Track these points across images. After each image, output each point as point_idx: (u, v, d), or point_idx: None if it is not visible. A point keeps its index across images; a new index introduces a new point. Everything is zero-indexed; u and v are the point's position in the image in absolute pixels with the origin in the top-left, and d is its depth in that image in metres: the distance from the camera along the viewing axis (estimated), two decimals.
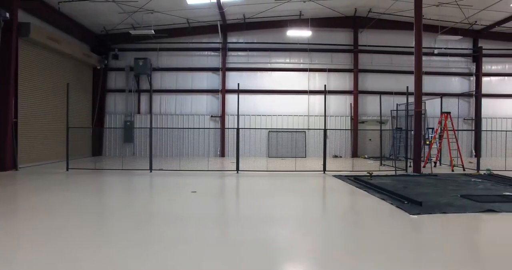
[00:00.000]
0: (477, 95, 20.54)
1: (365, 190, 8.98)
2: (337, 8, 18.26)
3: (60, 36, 15.29)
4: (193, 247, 4.55)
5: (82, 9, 15.54)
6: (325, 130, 13.31)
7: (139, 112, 20.08)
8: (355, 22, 19.74)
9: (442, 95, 16.40)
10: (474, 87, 20.61)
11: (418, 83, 13.02)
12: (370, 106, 20.32)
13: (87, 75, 18.78)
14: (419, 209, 6.80)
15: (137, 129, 19.76)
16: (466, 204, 7.31)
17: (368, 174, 11.12)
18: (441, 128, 14.75)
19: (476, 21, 18.96)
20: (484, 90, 20.75)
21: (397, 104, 19.93)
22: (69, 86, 12.85)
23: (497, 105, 20.83)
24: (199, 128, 19.09)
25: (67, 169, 12.37)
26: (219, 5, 16.26)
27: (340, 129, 19.25)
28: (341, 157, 19.70)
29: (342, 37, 20.06)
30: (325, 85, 14.11)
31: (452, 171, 13.39)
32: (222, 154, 19.67)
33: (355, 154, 19.87)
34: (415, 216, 6.35)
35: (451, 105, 20.75)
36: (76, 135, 17.02)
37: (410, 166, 14.75)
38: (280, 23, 19.00)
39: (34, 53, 14.06)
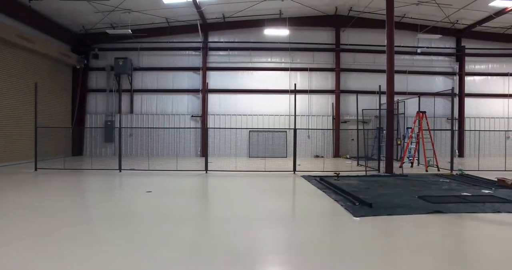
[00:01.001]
0: (460, 94, 20.44)
1: (324, 191, 8.86)
2: (317, 7, 18.14)
3: (34, 35, 15.17)
4: (100, 247, 4.45)
5: (56, 7, 15.43)
6: (295, 130, 13.20)
7: (120, 112, 19.97)
8: (336, 21, 19.61)
9: (420, 94, 16.26)
10: (458, 87, 20.51)
11: (390, 82, 12.91)
12: (353, 105, 20.10)
13: (66, 74, 18.67)
14: (367, 211, 6.68)
15: (118, 129, 19.62)
16: (419, 205, 7.19)
17: (335, 175, 11.00)
18: (419, 128, 14.61)
19: (457, 20, 18.85)
20: (468, 89, 20.66)
21: (380, 103, 19.85)
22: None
23: (480, 104, 20.73)
24: (178, 128, 18.99)
25: (35, 168, 12.28)
26: (196, 4, 16.14)
27: (320, 129, 19.13)
28: (322, 157, 19.58)
29: (324, 36, 19.94)
30: (295, 84, 13.96)
31: (426, 171, 13.26)
32: (203, 154, 19.54)
33: (337, 154, 19.76)
34: (358, 218, 6.23)
35: (436, 105, 20.69)
36: (55, 135, 16.96)
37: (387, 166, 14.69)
38: (261, 22, 18.87)
39: (4, 52, 13.90)
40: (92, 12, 16.26)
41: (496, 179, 10.34)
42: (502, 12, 16.80)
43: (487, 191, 8.95)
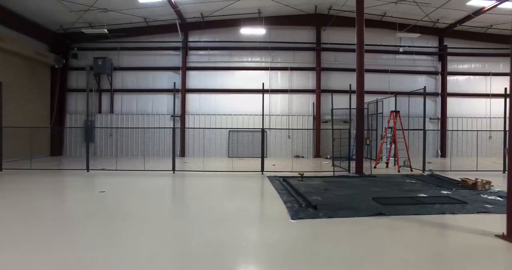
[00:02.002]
0: (443, 94, 20.29)
1: (280, 192, 8.73)
2: (296, 6, 18.00)
3: (4, 33, 15.02)
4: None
5: (26, 5, 15.28)
6: (262, 129, 13.11)
7: (100, 112, 19.88)
8: (317, 20, 19.47)
9: (396, 93, 16.13)
10: (440, 86, 20.36)
11: (360, 81, 12.81)
12: (334, 105, 19.99)
13: (44, 74, 18.57)
14: (309, 213, 6.57)
15: (98, 129, 19.56)
16: (366, 207, 7.05)
17: (299, 176, 10.89)
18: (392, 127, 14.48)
19: (438, 20, 18.69)
20: (451, 89, 20.50)
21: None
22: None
23: (463, 104, 20.57)
24: (157, 127, 18.87)
25: (1, 169, 12.20)
26: (172, 4, 16.03)
27: (299, 129, 18.99)
28: (303, 157, 19.46)
29: (305, 35, 19.80)
30: (263, 83, 13.89)
31: (399, 171, 13.13)
32: (182, 154, 19.46)
33: (318, 154, 19.63)
34: (294, 221, 6.12)
35: (418, 104, 20.53)
36: (32, 135, 16.82)
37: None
38: (240, 22, 18.73)
39: None
40: (67, 11, 16.15)
41: (460, 179, 10.22)
42: (480, 11, 16.65)
43: (445, 192, 8.83)
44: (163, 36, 19.59)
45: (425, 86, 13.73)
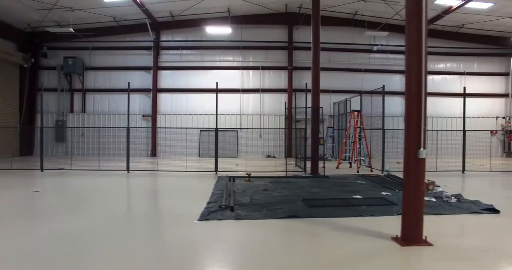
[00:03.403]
0: None
1: (214, 192, 8.59)
2: (266, 5, 17.86)
3: None
4: None
5: None
6: (216, 129, 12.99)
7: (72, 111, 19.78)
8: (289, 19, 19.32)
9: (362, 93, 15.97)
10: None
11: (316, 79, 12.70)
12: (307, 105, 19.88)
13: (12, 73, 18.46)
14: (220, 214, 6.44)
15: (70, 129, 19.46)
16: (289, 209, 6.87)
17: (247, 175, 10.76)
18: (354, 127, 14.35)
19: None
20: (427, 88, 20.25)
21: (333, 102, 19.63)
22: None
23: (439, 104, 20.37)
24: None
25: None
26: (137, 3, 15.89)
27: (269, 128, 18.85)
28: (274, 157, 19.31)
29: (277, 34, 19.66)
30: (216, 83, 13.66)
31: (358, 172, 12.97)
32: (154, 154, 19.35)
33: (289, 153, 19.42)
34: (198, 222, 6.01)
35: (392, 103, 20.40)
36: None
37: (323, 167, 14.40)
38: (212, 21, 18.56)
39: None
40: (32, 10, 16.03)
41: None
42: (449, 11, 16.47)
43: (386, 193, 8.68)
44: (135, 35, 19.47)
45: (383, 85, 13.54)
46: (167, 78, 19.74)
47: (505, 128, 19.52)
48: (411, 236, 4.86)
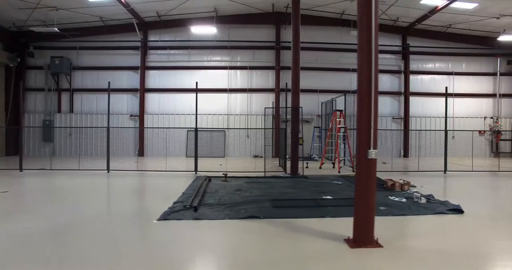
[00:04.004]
0: (405, 93, 20.07)
1: (186, 192, 8.55)
2: (253, 4, 17.82)
3: None
4: None
5: None
6: (196, 129, 12.95)
7: (59, 111, 19.74)
8: (276, 18, 19.27)
9: (346, 92, 15.92)
10: (403, 85, 20.15)
11: (296, 79, 12.65)
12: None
13: None
14: (180, 214, 6.40)
15: (57, 128, 19.42)
16: (251, 210, 6.81)
17: (223, 175, 10.73)
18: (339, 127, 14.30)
19: (398, 18, 18.48)
20: (415, 88, 20.24)
21: (321, 102, 19.56)
22: None
23: (427, 104, 20.33)
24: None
25: None
26: (122, 2, 15.84)
27: (259, 128, 18.80)
28: (261, 157, 19.21)
29: (264, 33, 19.60)
30: (196, 83, 13.64)
31: (339, 172, 12.93)
32: (141, 153, 19.32)
33: (277, 153, 19.40)
34: (157, 221, 5.99)
35: (381, 103, 20.31)
36: None
37: (307, 167, 14.38)
38: (199, 21, 18.51)
39: None
40: (16, 9, 15.98)
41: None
42: (435, 10, 16.42)
43: None
44: (123, 35, 19.42)
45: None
46: (154, 78, 19.72)
47: (493, 129, 19.46)
48: (362, 237, 4.81)
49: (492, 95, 20.20)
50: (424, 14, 17.26)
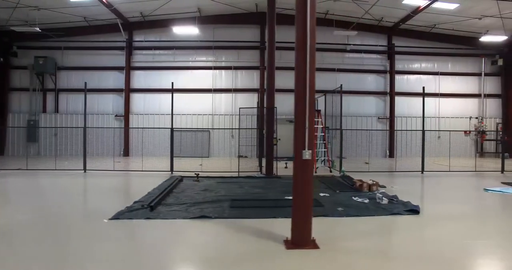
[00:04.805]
0: (391, 93, 20.05)
1: (151, 191, 8.58)
2: (236, 4, 17.81)
3: None
4: None
5: None
6: (171, 129, 12.97)
7: (44, 111, 19.75)
8: (260, 18, 19.14)
9: (325, 92, 15.92)
10: (389, 85, 20.12)
11: (271, 80, 12.68)
12: (279, 105, 19.80)
13: None
14: (133, 214, 6.42)
15: (42, 129, 19.42)
16: (206, 210, 6.82)
17: (195, 175, 10.75)
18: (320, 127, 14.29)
19: (382, 18, 18.45)
20: (401, 88, 20.20)
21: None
22: None
23: (413, 104, 20.27)
24: (100, 127, 18.75)
25: None
26: (104, 3, 15.83)
27: (244, 128, 18.77)
28: (246, 156, 19.22)
29: (249, 34, 19.59)
30: (172, 83, 13.75)
31: (315, 172, 12.89)
32: (126, 153, 19.33)
33: (261, 153, 19.38)
34: (107, 221, 6.02)
35: (367, 103, 20.37)
36: None
37: (286, 167, 14.40)
38: (183, 21, 18.45)
39: None
40: None
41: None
42: (417, 10, 16.39)
43: (322, 194, 8.63)
44: (108, 35, 19.41)
45: (341, 84, 13.43)
46: (140, 79, 19.71)
47: (478, 129, 19.44)
48: (299, 238, 4.81)
49: (478, 96, 20.17)
50: (408, 14, 17.21)
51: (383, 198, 7.78)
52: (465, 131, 19.26)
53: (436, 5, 15.52)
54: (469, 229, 5.89)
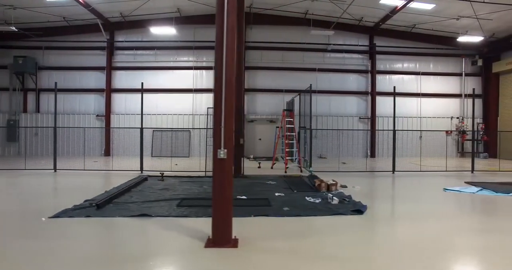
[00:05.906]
0: (372, 93, 20.03)
1: (110, 190, 8.58)
2: (214, 4, 17.69)
3: None
4: None
5: None
6: (141, 128, 12.98)
7: (25, 111, 19.78)
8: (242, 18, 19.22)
9: (300, 92, 15.92)
10: (370, 85, 20.11)
11: (238, 79, 12.58)
12: (260, 105, 19.93)
13: None
14: (75, 213, 6.45)
15: (23, 128, 19.43)
16: (153, 208, 6.83)
17: (160, 175, 10.76)
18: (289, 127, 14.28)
19: (362, 18, 18.45)
20: (383, 88, 20.17)
21: (286, 102, 19.55)
22: None
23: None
24: (79, 127, 18.75)
25: None
26: (81, 2, 15.83)
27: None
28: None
29: None
30: (142, 83, 13.95)
31: (285, 172, 12.90)
32: (107, 153, 19.34)
33: (242, 153, 19.37)
34: (45, 219, 6.06)
35: (349, 103, 20.36)
36: None
37: (259, 167, 14.41)
38: (163, 22, 18.42)
39: None
40: None
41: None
42: (395, 10, 16.37)
43: (278, 194, 8.62)
44: (89, 35, 19.41)
45: (311, 84, 13.40)
46: (121, 79, 19.73)
47: (459, 129, 19.42)
48: (219, 237, 4.80)
49: (459, 96, 20.15)
50: (386, 14, 17.21)
51: (334, 197, 7.76)
52: (446, 131, 19.23)
53: (413, 5, 15.53)
54: (405, 229, 5.87)
